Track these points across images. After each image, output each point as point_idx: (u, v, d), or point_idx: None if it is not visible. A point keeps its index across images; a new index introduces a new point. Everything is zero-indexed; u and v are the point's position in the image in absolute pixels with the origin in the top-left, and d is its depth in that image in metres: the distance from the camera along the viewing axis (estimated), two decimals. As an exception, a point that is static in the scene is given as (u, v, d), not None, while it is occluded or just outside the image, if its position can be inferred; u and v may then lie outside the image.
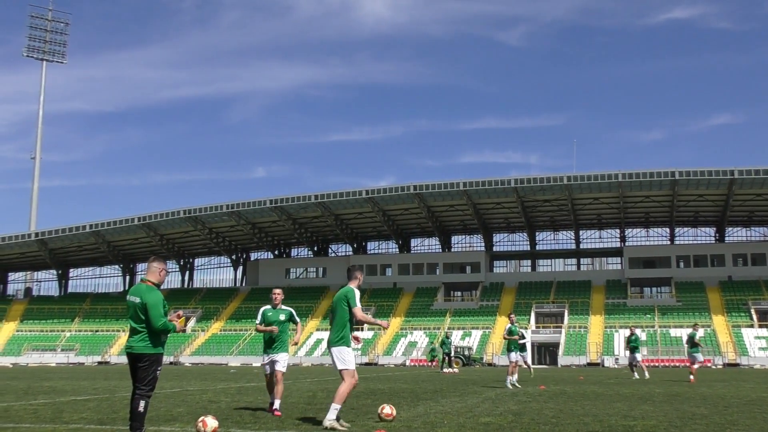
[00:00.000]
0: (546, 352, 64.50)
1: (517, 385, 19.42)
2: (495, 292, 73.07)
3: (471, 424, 9.54)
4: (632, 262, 72.25)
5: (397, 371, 39.04)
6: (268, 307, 11.84)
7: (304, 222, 76.47)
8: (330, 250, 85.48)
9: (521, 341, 21.22)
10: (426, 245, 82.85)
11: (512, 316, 21.16)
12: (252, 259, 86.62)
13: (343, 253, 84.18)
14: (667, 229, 75.57)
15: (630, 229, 76.67)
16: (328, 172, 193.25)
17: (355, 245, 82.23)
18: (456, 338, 61.87)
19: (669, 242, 75.09)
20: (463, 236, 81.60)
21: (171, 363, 60.99)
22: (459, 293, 76.47)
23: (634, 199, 67.47)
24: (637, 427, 9.13)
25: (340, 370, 9.07)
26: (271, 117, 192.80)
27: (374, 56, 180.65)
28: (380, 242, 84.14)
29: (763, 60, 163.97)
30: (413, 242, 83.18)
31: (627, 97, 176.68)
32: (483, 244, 78.90)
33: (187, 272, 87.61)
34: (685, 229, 76.06)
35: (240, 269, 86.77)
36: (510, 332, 20.71)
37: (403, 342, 64.54)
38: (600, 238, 78.22)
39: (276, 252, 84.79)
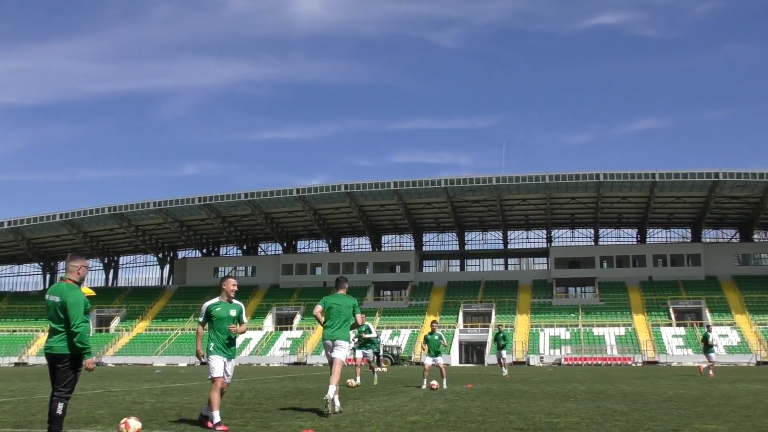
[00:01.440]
0: (473, 350, 65.38)
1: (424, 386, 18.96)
2: (424, 292, 73.63)
3: (399, 422, 9.58)
4: (558, 263, 73.80)
5: (326, 370, 38.93)
6: (215, 300, 9.90)
7: (234, 220, 75.61)
8: (259, 249, 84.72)
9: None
10: (356, 244, 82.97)
11: (434, 323, 20.90)
12: (179, 257, 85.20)
13: (273, 252, 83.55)
14: (592, 231, 77.46)
15: (556, 230, 78.30)
16: (260, 171, 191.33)
17: (285, 244, 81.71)
18: (385, 337, 62.12)
19: (593, 243, 76.96)
20: (394, 236, 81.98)
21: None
22: (389, 292, 76.77)
23: (561, 201, 68.93)
24: (561, 424, 9.32)
25: (338, 359, 11.06)
26: (202, 114, 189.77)
27: (309, 55, 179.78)
28: (311, 241, 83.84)
29: (686, 67, 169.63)
30: (344, 241, 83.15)
31: (556, 100, 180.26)
32: (413, 244, 79.43)
33: (112, 271, 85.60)
34: (609, 230, 78.08)
35: (167, 268, 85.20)
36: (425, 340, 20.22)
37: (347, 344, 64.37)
38: (527, 238, 79.65)
39: (204, 250, 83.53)
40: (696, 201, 67.40)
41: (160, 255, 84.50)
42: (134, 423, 7.96)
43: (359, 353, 20.83)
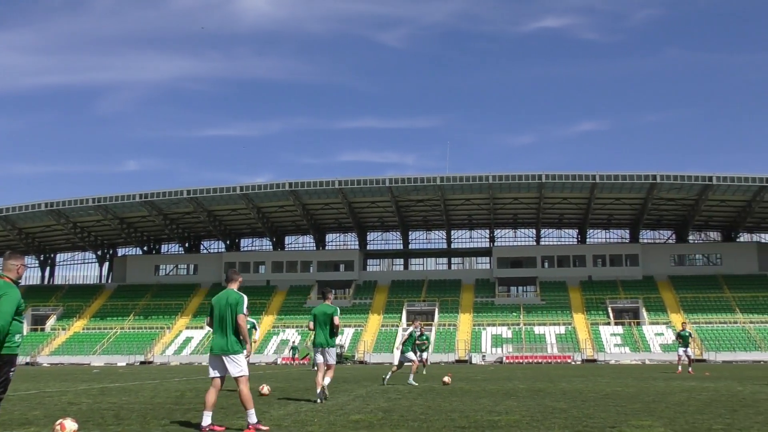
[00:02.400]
0: (416, 349, 65.55)
1: (413, 383, 19.22)
2: (368, 291, 73.72)
3: (341, 421, 9.56)
4: (500, 262, 74.65)
5: (269, 369, 38.66)
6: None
7: (176, 218, 74.54)
8: (202, 247, 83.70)
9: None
10: (300, 243, 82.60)
11: (417, 322, 21.91)
12: (119, 254, 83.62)
13: (216, 250, 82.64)
14: (534, 231, 78.55)
15: (499, 230, 79.18)
16: (203, 168, 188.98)
17: (228, 242, 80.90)
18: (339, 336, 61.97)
19: (535, 243, 78.06)
20: (338, 234, 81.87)
21: (27, 364, 57.94)
22: (332, 291, 76.50)
23: (504, 201, 69.74)
24: (502, 422, 9.42)
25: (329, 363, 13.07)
26: (144, 109, 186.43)
27: (254, 51, 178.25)
28: (254, 239, 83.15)
29: (626, 71, 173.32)
30: (287, 240, 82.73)
31: (500, 101, 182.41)
32: (357, 243, 79.46)
33: (48, 268, 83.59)
34: (550, 230, 79.29)
35: (106, 265, 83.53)
36: (411, 336, 21.22)
37: (275, 340, 64.10)
38: (470, 238, 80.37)
39: (145, 248, 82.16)
40: (634, 202, 68.93)
41: (99, 252, 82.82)
42: (70, 424, 7.76)
43: (412, 355, 20.83)
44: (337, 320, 13.36)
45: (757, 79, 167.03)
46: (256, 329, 19.04)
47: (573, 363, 55.11)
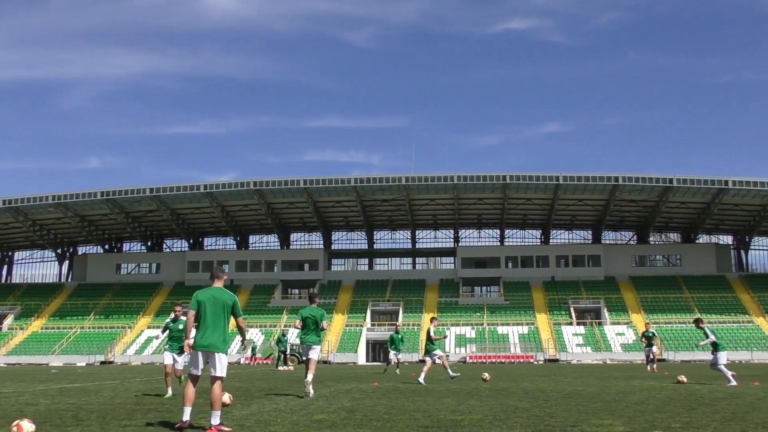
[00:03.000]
0: (380, 349, 65.66)
1: (422, 382, 19.21)
2: (332, 290, 73.59)
3: (305, 421, 9.52)
4: (464, 262, 75.01)
5: (231, 369, 38.38)
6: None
7: (138, 216, 73.69)
8: (165, 246, 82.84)
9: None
10: (265, 242, 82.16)
11: (435, 321, 21.67)
12: (79, 253, 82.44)
13: (179, 249, 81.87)
14: (498, 231, 79.06)
15: (463, 230, 79.56)
16: (166, 166, 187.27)
17: (191, 241, 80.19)
18: (292, 336, 61.73)
19: (499, 243, 78.56)
20: (303, 234, 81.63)
21: (-15, 363, 56.81)
22: (297, 291, 76.36)
23: (468, 201, 70.09)
24: (465, 421, 9.45)
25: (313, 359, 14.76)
26: (107, 105, 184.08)
27: (220, 49, 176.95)
28: (218, 238, 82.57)
29: (590, 73, 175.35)
30: (252, 239, 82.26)
31: (466, 102, 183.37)
32: (322, 242, 79.29)
33: (6, 267, 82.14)
34: (514, 231, 79.87)
35: (66, 264, 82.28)
36: (435, 334, 21.18)
37: (237, 339, 63.58)
38: (435, 238, 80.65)
39: (106, 246, 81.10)
40: (597, 203, 69.73)
41: (59, 251, 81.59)
42: (27, 425, 7.60)
43: (439, 352, 20.88)
44: (324, 324, 15.25)
45: (716, 83, 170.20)
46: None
47: (535, 363, 55.60)
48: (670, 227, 77.86)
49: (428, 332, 20.82)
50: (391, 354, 29.04)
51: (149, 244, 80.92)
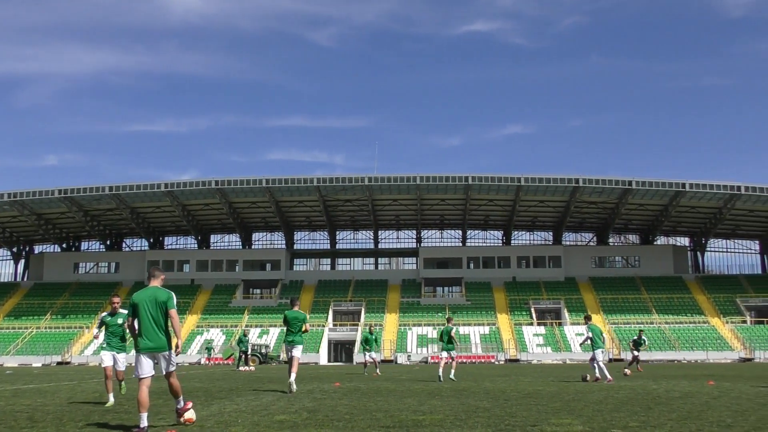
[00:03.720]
0: (342, 349, 65.71)
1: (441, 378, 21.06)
2: (294, 290, 73.30)
3: (266, 422, 9.47)
4: (427, 263, 75.25)
5: (192, 370, 38.03)
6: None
7: (97, 214, 72.64)
8: (124, 245, 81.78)
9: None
10: (226, 241, 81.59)
11: (451, 320, 22.71)
12: (36, 252, 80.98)
13: (139, 248, 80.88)
14: (460, 232, 79.46)
15: (426, 231, 79.83)
16: (126, 164, 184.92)
17: (151, 240, 79.26)
18: (254, 336, 61.42)
19: (461, 244, 78.95)
20: (265, 233, 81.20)
21: (-63, 364, 55.52)
22: (258, 291, 75.96)
23: (431, 202, 70.33)
24: (426, 421, 9.48)
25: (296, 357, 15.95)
26: (66, 102, 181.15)
27: (182, 46, 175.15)
28: (179, 237, 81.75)
29: (553, 76, 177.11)
30: (213, 238, 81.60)
31: (430, 103, 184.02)
32: (284, 242, 78.94)
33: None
34: (476, 231, 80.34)
35: (22, 263, 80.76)
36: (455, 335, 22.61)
37: (199, 340, 63.11)
38: (398, 238, 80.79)
39: (64, 245, 79.78)
40: (558, 205, 70.45)
41: (15, 249, 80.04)
42: None
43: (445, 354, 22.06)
44: (307, 326, 16.53)
45: (675, 87, 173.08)
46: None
47: (496, 363, 56.01)
48: (629, 229, 78.99)
49: (449, 332, 21.98)
50: (367, 355, 28.96)
51: (108, 243, 79.80)
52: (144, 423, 8.45)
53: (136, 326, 8.83)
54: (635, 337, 32.57)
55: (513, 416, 10.03)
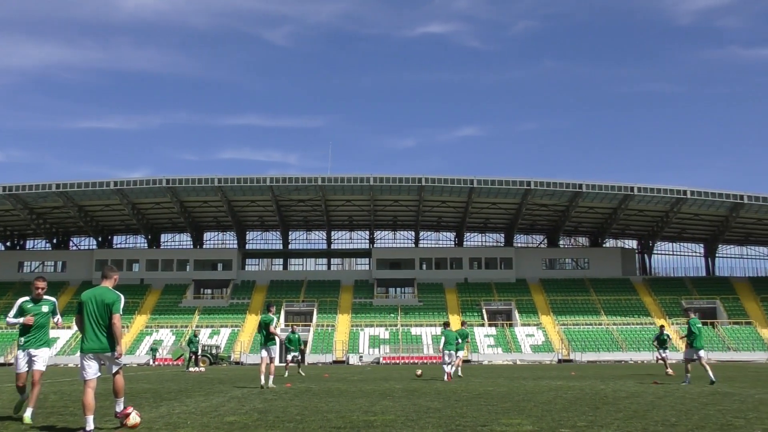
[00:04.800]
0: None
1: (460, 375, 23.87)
2: (246, 290, 72.76)
3: (215, 423, 9.37)
4: (379, 263, 75.32)
5: (140, 371, 37.46)
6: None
7: (43, 212, 71.08)
8: (71, 243, 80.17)
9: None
10: (177, 241, 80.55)
11: (465, 323, 25.89)
12: (-21, 250, 78.96)
13: (86, 247, 79.39)
14: (413, 233, 79.69)
15: (379, 232, 79.91)
16: (75, 161, 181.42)
17: (100, 239, 77.87)
18: (204, 336, 60.78)
19: (414, 245, 79.20)
20: (216, 233, 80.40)
21: None
22: (209, 291, 75.16)
23: (384, 203, 70.43)
24: (377, 421, 9.48)
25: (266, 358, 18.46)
26: (11, 97, 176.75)
27: (133, 42, 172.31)
28: (128, 236, 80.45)
29: (507, 79, 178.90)
30: (163, 237, 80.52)
31: (384, 104, 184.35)
32: (236, 242, 78.28)
33: None
34: (429, 233, 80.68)
35: (-36, 261, 78.60)
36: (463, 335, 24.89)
37: (148, 340, 62.19)
38: (351, 239, 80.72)
39: (8, 243, 77.88)
40: (510, 207, 71.14)
41: (-43, 247, 77.97)
42: None
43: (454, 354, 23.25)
44: (271, 328, 18.72)
45: (625, 92, 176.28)
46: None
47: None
48: (578, 231, 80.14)
49: (465, 334, 24.83)
50: (290, 355, 28.90)
51: (55, 241, 78.15)
52: (90, 426, 8.25)
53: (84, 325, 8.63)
54: (657, 334, 29.49)
55: (463, 416, 10.09)
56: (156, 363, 55.04)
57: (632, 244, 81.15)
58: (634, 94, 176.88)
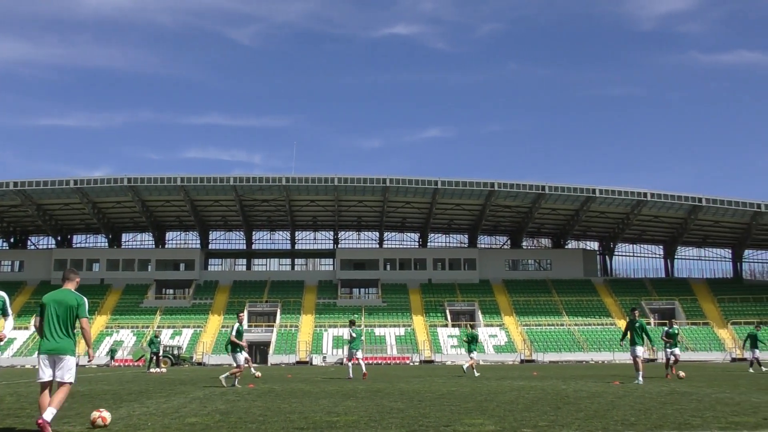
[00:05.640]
0: (257, 350, 64.90)
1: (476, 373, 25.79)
2: (209, 291, 72.18)
3: (176, 424, 9.27)
4: (343, 264, 75.24)
5: (100, 372, 36.93)
6: None
7: (1, 211, 69.72)
8: (29, 242, 78.78)
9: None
10: (138, 240, 79.62)
11: (474, 325, 26.57)
12: (-66, 249, 77.25)
13: (45, 246, 78.08)
14: (377, 234, 79.74)
15: (343, 232, 79.80)
16: (35, 159, 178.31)
17: (59, 238, 76.64)
18: (165, 337, 60.13)
19: (378, 246, 79.24)
20: (179, 233, 79.66)
21: None
22: (171, 291, 74.39)
23: (348, 203, 70.36)
24: (340, 422, 9.46)
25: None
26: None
27: (96, 39, 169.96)
28: (88, 235, 79.30)
29: (472, 81, 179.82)
30: (125, 237, 79.54)
31: (350, 104, 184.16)
32: (199, 242, 77.61)
33: None
34: (393, 233, 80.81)
35: None
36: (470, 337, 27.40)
37: (108, 341, 61.35)
38: (315, 239, 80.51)
39: (-36, 242, 76.32)
40: (474, 208, 71.54)
41: None
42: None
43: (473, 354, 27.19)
44: (232, 337, 19.30)
45: (589, 95, 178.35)
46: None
47: (411, 364, 56.42)
48: (541, 233, 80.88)
49: (476, 336, 27.36)
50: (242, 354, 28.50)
51: (12, 240, 76.75)
52: (47, 416, 7.95)
53: (43, 327, 8.45)
54: (667, 328, 26.41)
55: (426, 417, 10.11)
56: (116, 364, 54.31)
57: (594, 245, 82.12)
58: (597, 97, 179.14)
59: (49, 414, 8.00)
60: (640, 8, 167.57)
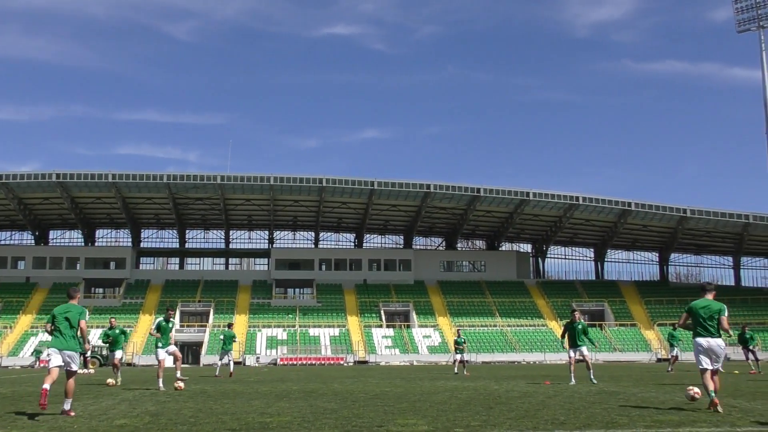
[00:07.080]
0: (189, 351, 63.92)
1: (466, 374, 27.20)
2: (140, 290, 70.79)
3: (104, 427, 9.07)
4: (278, 264, 74.72)
5: (24, 373, 35.84)
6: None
7: None
8: (-49, 239, 75.99)
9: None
10: (67, 238, 77.55)
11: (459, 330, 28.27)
12: None
13: (-33, 243, 75.39)
14: (313, 233, 79.45)
15: (278, 232, 79.25)
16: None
17: (-18, 234, 74.12)
18: (94, 337, 58.67)
19: (313, 246, 78.95)
20: (109, 230, 77.92)
21: None
22: (101, 290, 72.67)
23: (284, 203, 69.94)
24: (273, 423, 9.40)
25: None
26: None
27: (24, 29, 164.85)
28: (13, 232, 76.86)
29: (411, 83, 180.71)
30: (52, 234, 77.36)
31: (287, 103, 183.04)
32: (130, 240, 76.06)
33: None
34: (329, 234, 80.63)
35: None
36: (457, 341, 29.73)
37: (33, 341, 59.55)
38: (249, 239, 79.76)
39: None
40: (409, 210, 71.92)
41: None
42: None
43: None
44: (151, 330, 20.44)
45: (525, 99, 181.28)
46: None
47: (346, 364, 56.38)
48: (476, 235, 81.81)
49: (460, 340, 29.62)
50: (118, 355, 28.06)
51: (-67, 236, 73.93)
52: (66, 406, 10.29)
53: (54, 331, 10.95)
54: (740, 332, 26.77)
55: (360, 417, 10.13)
56: (41, 365, 52.75)
57: (527, 247, 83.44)
58: (533, 101, 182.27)
59: (68, 404, 10.59)
60: (576, 16, 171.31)
